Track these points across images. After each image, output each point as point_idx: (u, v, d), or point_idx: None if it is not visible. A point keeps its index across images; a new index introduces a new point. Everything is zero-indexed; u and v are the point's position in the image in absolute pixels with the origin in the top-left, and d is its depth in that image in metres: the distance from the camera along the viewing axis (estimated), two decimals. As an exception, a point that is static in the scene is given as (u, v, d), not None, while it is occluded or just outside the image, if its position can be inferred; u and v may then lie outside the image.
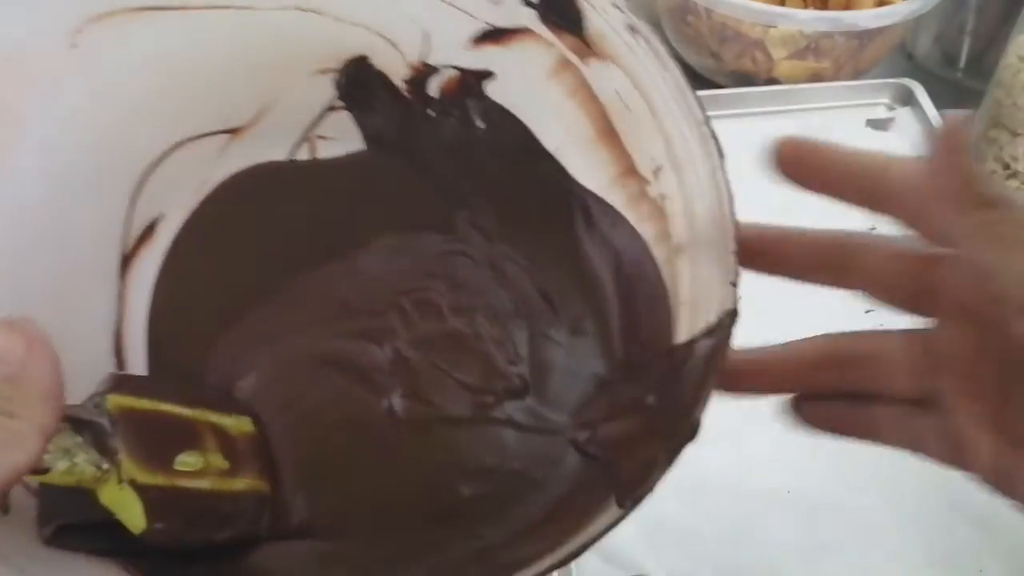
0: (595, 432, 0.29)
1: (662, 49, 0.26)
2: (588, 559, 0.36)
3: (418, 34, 0.32)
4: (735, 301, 0.25)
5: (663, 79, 0.27)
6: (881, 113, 0.57)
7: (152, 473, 0.24)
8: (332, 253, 0.34)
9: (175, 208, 0.33)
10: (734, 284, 0.25)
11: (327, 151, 0.35)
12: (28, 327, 0.19)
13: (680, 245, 0.29)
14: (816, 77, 0.58)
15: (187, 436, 0.26)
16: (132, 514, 0.24)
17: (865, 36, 0.56)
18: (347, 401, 0.31)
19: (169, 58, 0.30)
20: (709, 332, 0.26)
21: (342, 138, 0.35)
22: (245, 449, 0.28)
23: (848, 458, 0.40)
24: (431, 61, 0.33)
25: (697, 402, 0.24)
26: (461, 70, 0.33)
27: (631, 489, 0.23)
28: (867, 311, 0.46)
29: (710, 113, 0.56)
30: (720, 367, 0.24)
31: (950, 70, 0.64)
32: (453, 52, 0.32)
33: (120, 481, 0.23)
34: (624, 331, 0.32)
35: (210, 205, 0.34)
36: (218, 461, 0.27)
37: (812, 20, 0.55)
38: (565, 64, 0.31)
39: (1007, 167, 0.53)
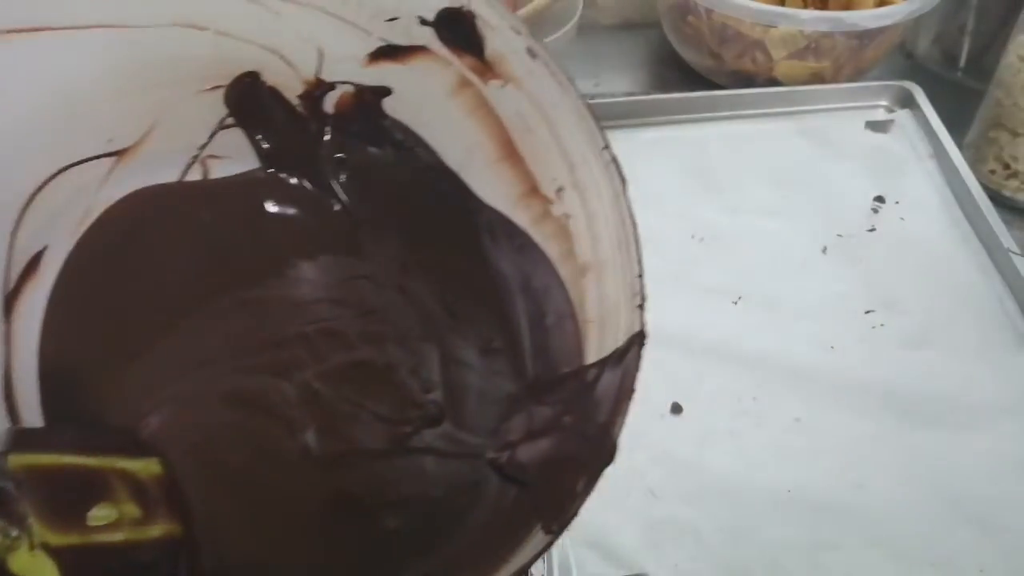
0: (514, 453, 0.29)
1: (562, 74, 0.26)
2: (588, 558, 0.36)
3: (311, 50, 0.31)
4: (642, 324, 0.25)
5: (564, 103, 0.27)
6: (880, 115, 0.57)
7: (65, 534, 0.23)
8: (233, 281, 0.32)
9: (59, 239, 0.31)
10: (640, 307, 0.25)
11: (220, 171, 0.34)
12: None
13: (586, 264, 0.29)
14: (816, 77, 0.58)
15: (97, 488, 0.25)
16: None
17: (865, 36, 0.56)
18: (258, 439, 0.29)
19: (46, 81, 0.28)
20: (619, 355, 0.26)
21: (236, 157, 0.34)
22: (156, 493, 0.27)
23: (848, 458, 0.40)
24: (326, 77, 0.32)
25: (612, 425, 0.24)
26: (357, 86, 0.32)
27: (556, 515, 0.23)
28: (867, 311, 0.46)
29: (707, 114, 0.57)
30: (632, 390, 0.24)
31: (950, 70, 0.64)
32: (349, 68, 0.31)
33: (32, 547, 0.22)
34: (534, 349, 0.31)
35: (97, 234, 0.31)
36: (131, 510, 0.26)
37: (812, 20, 0.55)
38: (465, 83, 0.30)
39: (1007, 167, 0.53)
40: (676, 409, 0.41)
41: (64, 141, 0.30)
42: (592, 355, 0.28)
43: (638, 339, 0.25)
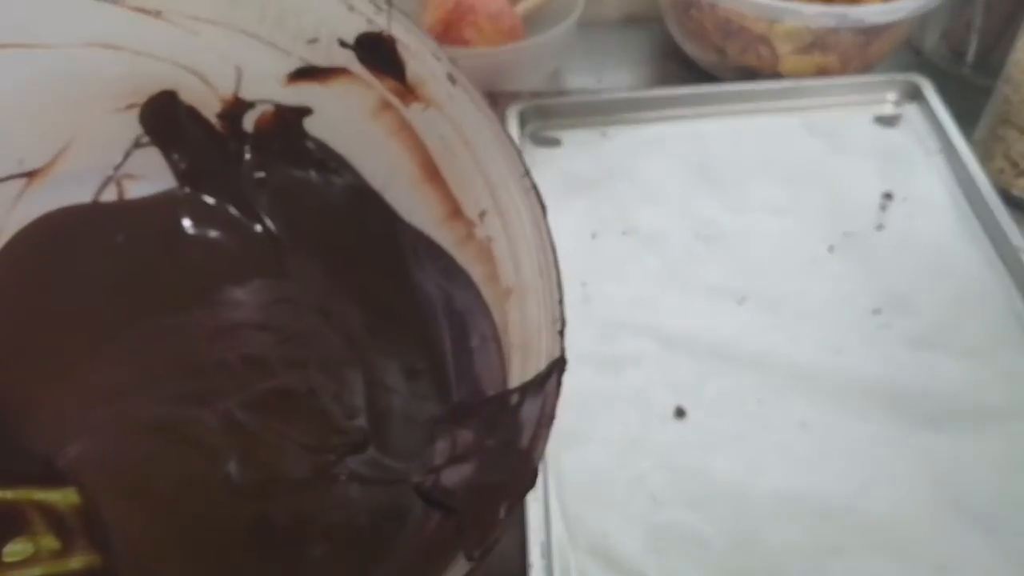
0: (438, 478, 0.29)
1: (481, 100, 0.27)
2: (590, 565, 0.36)
3: (229, 68, 0.31)
4: (562, 349, 0.25)
5: (485, 129, 0.27)
6: (888, 110, 0.56)
7: None
8: (152, 306, 0.32)
9: None
10: (561, 332, 0.25)
11: (136, 191, 0.33)
12: None
13: (509, 288, 0.29)
14: (822, 72, 0.58)
15: (12, 521, 0.25)
16: None
17: (872, 31, 0.56)
18: (180, 468, 0.29)
19: None
20: (540, 380, 0.26)
21: (152, 177, 0.34)
22: (75, 523, 0.26)
23: (855, 462, 0.39)
24: (245, 96, 0.32)
25: (533, 451, 0.24)
26: (277, 105, 0.32)
27: (478, 541, 0.23)
28: (874, 311, 0.46)
29: (711, 110, 0.56)
30: (552, 416, 0.25)
31: (958, 66, 0.63)
32: (268, 87, 0.31)
33: None
34: (459, 372, 0.31)
35: (9, 256, 0.31)
36: (49, 542, 0.25)
37: (818, 15, 0.54)
38: (387, 105, 0.30)
39: (1015, 165, 0.52)
40: (679, 412, 0.41)
41: None
42: (515, 379, 0.27)
43: (558, 365, 0.25)
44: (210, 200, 0.34)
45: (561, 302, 0.26)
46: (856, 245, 0.48)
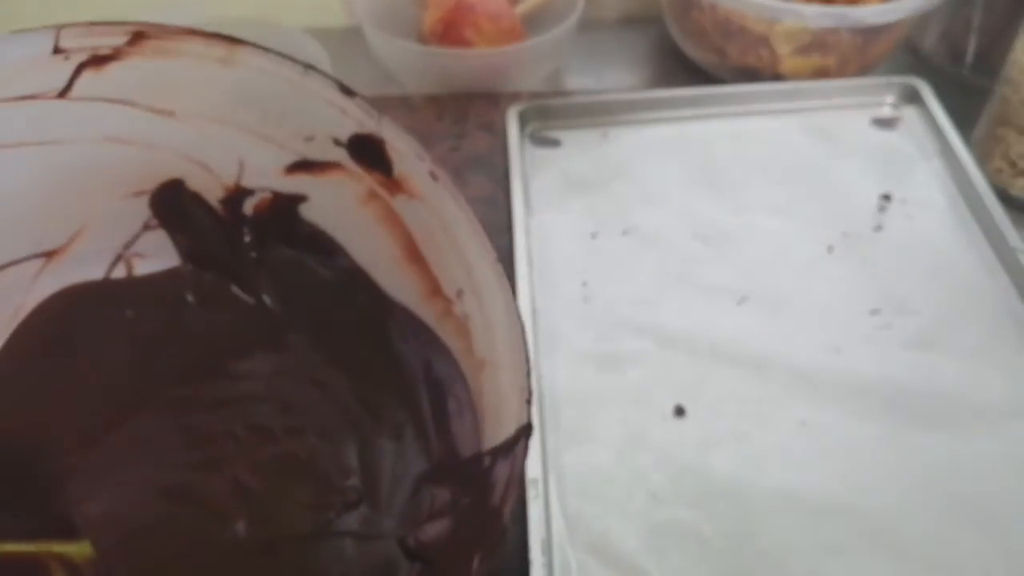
0: (418, 534, 0.31)
1: (459, 194, 0.30)
2: (589, 563, 0.36)
3: (233, 160, 0.34)
4: (528, 416, 0.27)
5: (460, 218, 0.30)
6: (887, 112, 0.56)
7: None
8: (161, 377, 0.35)
9: None
10: (528, 402, 0.27)
11: (144, 268, 0.36)
12: None
13: (483, 360, 0.31)
14: (822, 73, 0.58)
15: (35, 571, 0.28)
16: None
17: (871, 32, 0.56)
18: (190, 529, 0.32)
19: None
20: (509, 444, 0.28)
21: (159, 255, 0.36)
22: (89, 573, 0.29)
23: (853, 461, 0.39)
24: (246, 184, 0.35)
25: (503, 507, 0.26)
26: (275, 193, 0.35)
27: None
28: (873, 312, 0.46)
29: (711, 110, 0.57)
30: (520, 476, 0.27)
31: (957, 67, 0.63)
32: (267, 178, 0.34)
33: None
34: (439, 435, 0.34)
35: (28, 329, 0.34)
36: None
37: (818, 16, 0.54)
38: (374, 195, 0.33)
39: (1014, 165, 0.52)
40: (679, 411, 0.41)
41: None
42: (488, 442, 0.30)
43: (525, 431, 0.27)
44: (212, 277, 0.37)
45: (528, 375, 0.28)
46: (855, 246, 0.48)
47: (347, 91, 0.31)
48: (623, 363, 0.43)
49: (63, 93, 0.30)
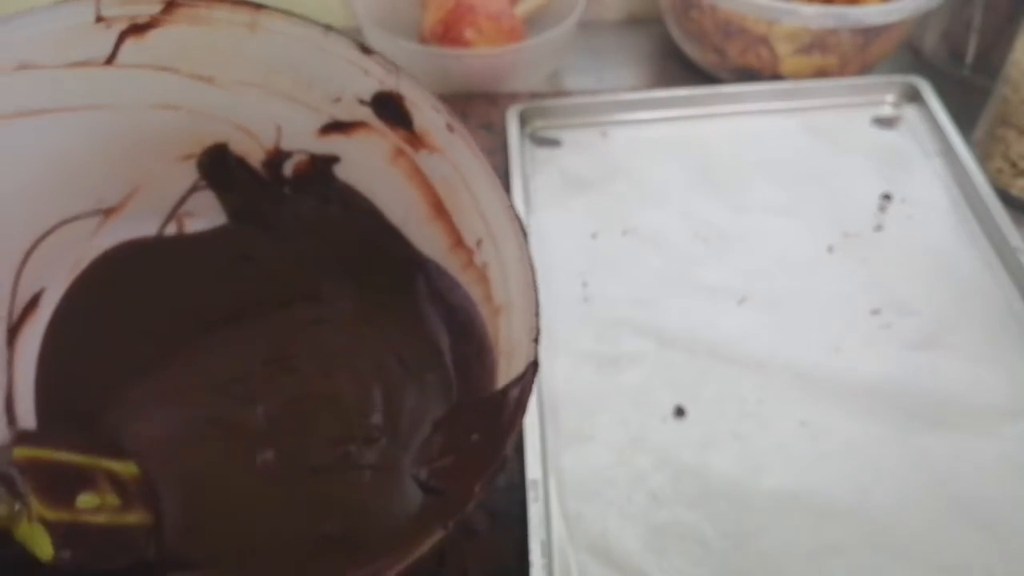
0: (431, 468, 0.34)
1: (474, 143, 0.32)
2: (590, 564, 0.36)
3: (271, 125, 0.37)
4: (536, 354, 0.29)
5: (477, 168, 0.33)
6: (887, 111, 0.56)
7: (57, 511, 0.29)
8: (207, 321, 0.38)
9: (56, 282, 0.36)
10: (535, 340, 0.29)
11: (193, 226, 0.39)
12: None
13: (500, 306, 0.34)
14: (822, 73, 0.58)
15: (84, 479, 0.31)
16: (42, 546, 0.28)
17: (871, 32, 0.56)
18: (225, 455, 0.35)
19: (43, 154, 0.33)
20: (518, 380, 0.30)
21: (207, 214, 0.39)
22: (133, 489, 0.32)
23: (855, 461, 0.39)
24: (284, 147, 0.37)
25: (507, 437, 0.29)
26: (311, 154, 0.37)
27: (452, 514, 0.27)
28: (873, 312, 0.46)
29: (711, 110, 0.57)
30: (524, 409, 0.29)
31: (957, 67, 0.63)
32: (303, 140, 0.37)
33: (30, 519, 0.28)
34: (459, 379, 0.37)
35: (86, 279, 0.37)
36: (112, 500, 0.31)
37: (818, 16, 0.54)
38: (400, 152, 0.36)
39: (1014, 165, 0.52)
40: (679, 412, 0.41)
41: (61, 202, 0.35)
42: (501, 382, 0.32)
43: (532, 367, 0.29)
44: (256, 233, 0.40)
45: (537, 315, 0.30)
46: (855, 246, 0.48)
47: (365, 49, 0.33)
48: (623, 363, 0.43)
49: (109, 60, 0.32)
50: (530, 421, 0.39)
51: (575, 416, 0.41)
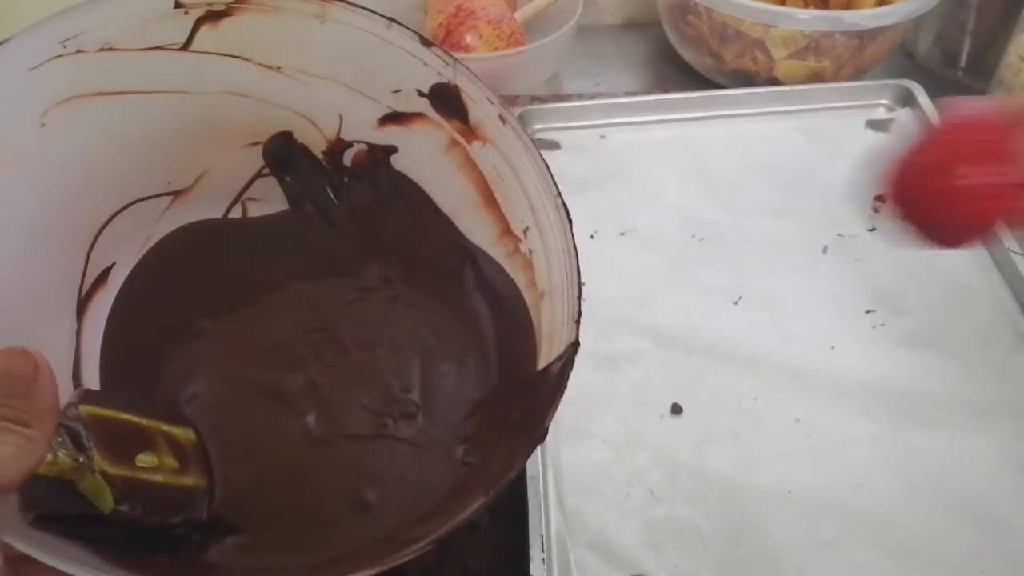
0: (470, 446, 0.35)
1: (525, 135, 0.34)
2: (588, 559, 0.36)
3: (334, 114, 0.38)
4: (576, 334, 0.31)
5: (527, 158, 0.34)
6: (881, 114, 0.56)
7: (118, 466, 0.29)
8: (259, 296, 0.40)
9: (125, 258, 0.38)
10: (577, 322, 0.31)
11: (256, 211, 0.41)
12: (35, 354, 0.23)
13: (543, 292, 0.35)
14: (817, 77, 0.58)
15: (144, 440, 0.32)
16: (103, 498, 0.29)
17: (866, 36, 0.56)
18: (270, 419, 0.37)
19: (121, 134, 0.35)
20: (558, 359, 0.31)
21: (269, 199, 0.41)
22: (190, 453, 0.34)
23: (848, 458, 0.40)
24: (345, 136, 0.39)
25: (546, 414, 0.30)
26: (370, 144, 0.39)
27: (494, 482, 0.29)
28: (867, 311, 0.46)
29: (708, 113, 0.57)
30: (564, 387, 0.30)
31: (951, 70, 0.64)
32: (363, 130, 0.38)
33: (93, 472, 0.28)
34: (499, 362, 0.38)
35: (155, 255, 0.39)
36: (170, 461, 0.32)
37: (813, 20, 0.55)
38: (454, 143, 0.37)
39: (1008, 167, 0.52)
40: (676, 410, 0.41)
41: (133, 182, 0.37)
42: (541, 363, 0.33)
43: (573, 347, 0.31)
44: (314, 219, 0.41)
45: (579, 297, 0.31)
46: (849, 246, 0.49)
47: (426, 42, 0.34)
48: (621, 362, 0.43)
49: (185, 46, 0.34)
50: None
51: (574, 413, 0.41)
